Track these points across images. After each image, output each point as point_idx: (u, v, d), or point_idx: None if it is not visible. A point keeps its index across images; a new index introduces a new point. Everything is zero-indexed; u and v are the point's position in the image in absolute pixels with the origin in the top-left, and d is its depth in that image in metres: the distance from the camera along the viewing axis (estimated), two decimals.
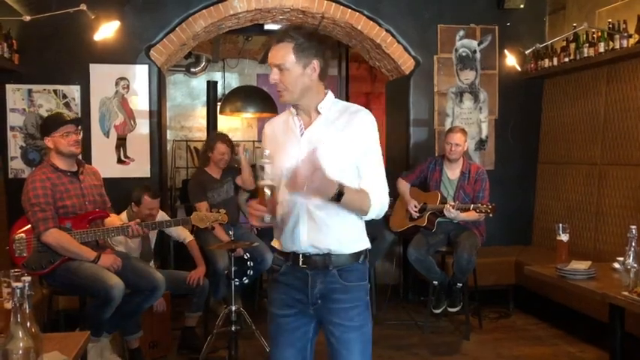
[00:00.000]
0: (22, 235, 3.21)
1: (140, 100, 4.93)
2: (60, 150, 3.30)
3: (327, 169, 1.89)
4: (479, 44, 5.44)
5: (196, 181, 4.65)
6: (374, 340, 3.22)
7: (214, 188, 4.51)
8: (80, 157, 3.47)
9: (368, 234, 2.13)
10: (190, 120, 9.98)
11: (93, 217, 3.36)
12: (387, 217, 5.13)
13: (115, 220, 3.53)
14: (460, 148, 4.43)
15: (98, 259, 3.26)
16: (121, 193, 4.11)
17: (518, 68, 5.35)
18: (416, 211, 4.58)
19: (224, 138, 4.72)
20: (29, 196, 3.20)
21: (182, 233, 4.23)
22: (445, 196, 4.47)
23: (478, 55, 5.44)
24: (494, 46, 5.46)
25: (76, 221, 3.28)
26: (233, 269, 3.73)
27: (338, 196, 1.91)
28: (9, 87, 4.72)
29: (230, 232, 3.91)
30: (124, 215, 3.98)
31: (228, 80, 10.05)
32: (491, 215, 4.16)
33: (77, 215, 3.30)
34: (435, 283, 4.46)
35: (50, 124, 3.37)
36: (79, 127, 3.48)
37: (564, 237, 3.29)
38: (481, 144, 5.48)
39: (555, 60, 5.05)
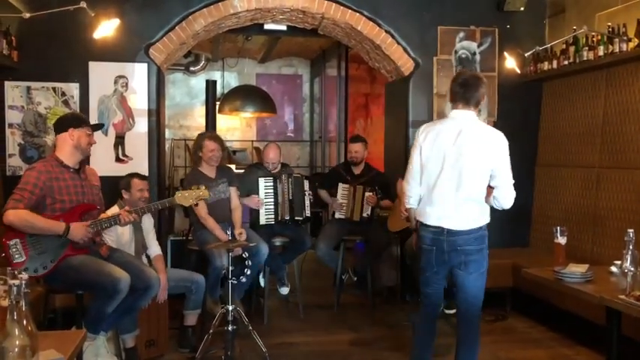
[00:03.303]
0: (17, 239, 3.17)
1: (139, 99, 4.92)
2: (80, 145, 3.35)
3: None
4: (478, 46, 5.44)
5: (191, 178, 4.62)
6: (370, 340, 3.19)
7: (209, 187, 4.47)
8: None
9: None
10: (189, 119, 9.99)
11: (83, 210, 3.34)
12: (385, 218, 5.14)
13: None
14: None
15: (68, 231, 3.18)
16: (118, 191, 4.10)
17: (518, 71, 5.36)
18: (404, 212, 4.61)
19: (211, 135, 4.72)
20: (21, 181, 3.25)
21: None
22: None
23: (478, 57, 5.44)
24: (493, 48, 5.46)
25: (68, 217, 3.26)
26: (231, 269, 3.73)
27: None
28: (7, 84, 4.71)
29: (228, 232, 3.91)
30: (114, 210, 3.94)
31: (227, 79, 10.06)
32: None
33: (67, 211, 3.28)
34: None
35: (78, 118, 3.48)
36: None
37: (562, 240, 3.29)
38: None
39: (555, 63, 5.05)
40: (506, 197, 2.97)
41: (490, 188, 2.99)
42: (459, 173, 2.95)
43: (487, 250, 3.13)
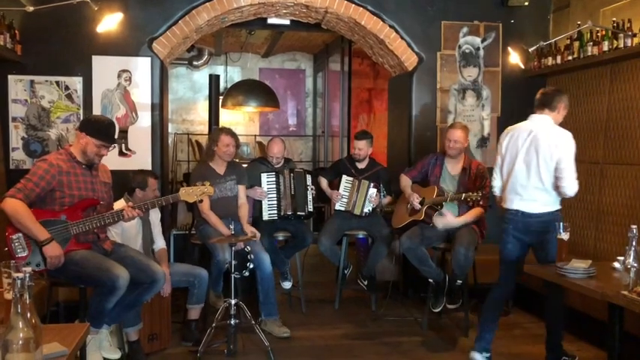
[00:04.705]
0: (20, 233, 3.18)
1: (142, 93, 4.93)
2: (85, 151, 3.37)
3: None
4: (482, 41, 5.42)
5: (199, 172, 4.62)
6: (372, 335, 3.18)
7: (216, 183, 4.47)
8: None
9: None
10: (192, 113, 9.99)
11: (86, 205, 3.35)
12: (388, 212, 5.14)
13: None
14: (459, 145, 4.41)
15: (47, 244, 3.13)
16: (121, 185, 4.11)
17: (522, 66, 5.34)
18: (418, 203, 4.60)
19: (227, 130, 4.64)
20: (29, 171, 3.26)
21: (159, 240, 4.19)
22: (446, 191, 4.46)
23: (481, 52, 5.43)
24: (497, 43, 5.44)
25: (70, 212, 3.27)
26: (233, 263, 3.73)
27: None
28: (11, 78, 4.72)
29: (230, 227, 3.91)
30: (120, 204, 3.94)
31: (230, 74, 10.05)
32: (481, 202, 4.26)
33: (70, 207, 3.29)
34: (431, 281, 4.45)
35: (95, 127, 3.38)
36: (113, 146, 3.55)
37: (565, 236, 3.28)
38: (483, 141, 5.47)
39: (559, 58, 5.03)
40: (567, 186, 3.48)
41: (556, 178, 3.52)
42: (528, 165, 3.57)
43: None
